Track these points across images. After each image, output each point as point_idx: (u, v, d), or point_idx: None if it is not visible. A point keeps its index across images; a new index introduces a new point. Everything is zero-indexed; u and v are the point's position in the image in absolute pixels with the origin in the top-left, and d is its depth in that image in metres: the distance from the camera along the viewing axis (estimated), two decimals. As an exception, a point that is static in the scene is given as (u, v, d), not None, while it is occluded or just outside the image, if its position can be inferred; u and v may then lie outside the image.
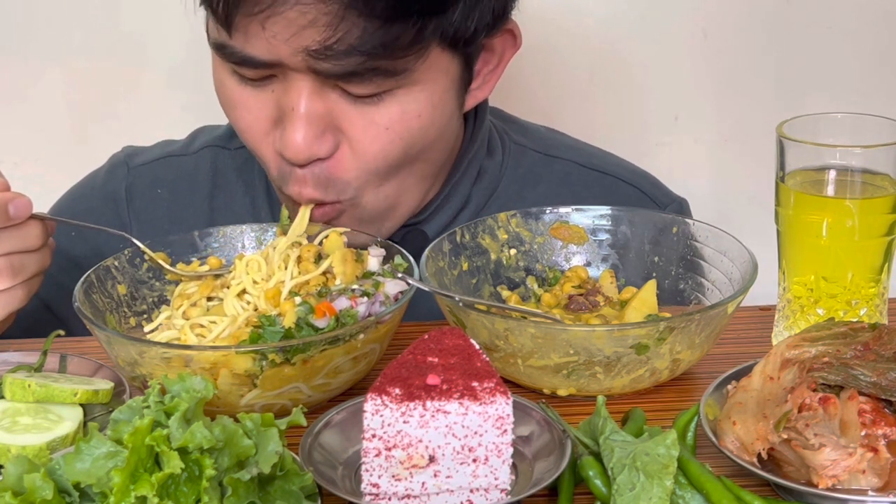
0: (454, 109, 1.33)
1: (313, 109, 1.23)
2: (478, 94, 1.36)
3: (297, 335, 1.10)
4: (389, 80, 1.23)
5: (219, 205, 1.47)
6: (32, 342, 1.28)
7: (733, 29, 2.00)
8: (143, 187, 1.49)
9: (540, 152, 1.51)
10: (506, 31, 1.34)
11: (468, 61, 1.31)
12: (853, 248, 1.18)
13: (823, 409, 0.98)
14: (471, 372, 0.95)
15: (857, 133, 1.18)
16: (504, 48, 1.36)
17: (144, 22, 1.96)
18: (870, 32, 2.01)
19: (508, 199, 1.46)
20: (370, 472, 0.94)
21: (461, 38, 1.25)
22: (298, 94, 1.23)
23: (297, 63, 1.20)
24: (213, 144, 1.51)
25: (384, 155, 1.27)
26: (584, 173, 1.51)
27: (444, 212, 1.43)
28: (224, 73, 1.28)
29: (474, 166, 1.44)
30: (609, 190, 1.49)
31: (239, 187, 1.48)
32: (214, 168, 1.49)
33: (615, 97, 2.02)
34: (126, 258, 1.25)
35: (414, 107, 1.26)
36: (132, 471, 0.88)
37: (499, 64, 1.36)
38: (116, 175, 1.50)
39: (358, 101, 1.24)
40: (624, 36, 1.99)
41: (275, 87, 1.25)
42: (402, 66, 1.22)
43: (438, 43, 1.24)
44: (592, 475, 0.98)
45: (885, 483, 0.96)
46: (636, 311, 1.25)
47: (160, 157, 1.51)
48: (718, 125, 2.05)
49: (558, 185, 1.48)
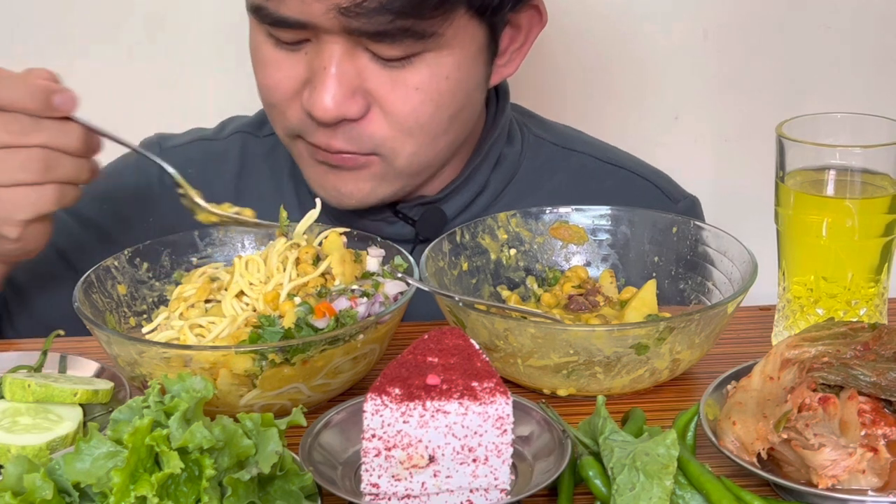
0: (480, 79, 1.37)
1: (343, 70, 1.27)
2: (503, 70, 1.41)
3: (297, 335, 1.10)
4: (419, 43, 1.26)
5: (245, 186, 1.51)
6: (32, 342, 1.28)
7: (733, 29, 2.00)
8: (175, 166, 1.51)
9: (558, 145, 1.54)
10: (531, 7, 1.38)
11: (494, 32, 1.35)
12: (853, 248, 1.18)
13: (823, 409, 0.98)
14: (471, 372, 0.95)
15: (856, 133, 1.19)
16: (530, 25, 1.40)
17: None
18: (870, 32, 2.01)
19: (525, 186, 1.48)
20: (370, 472, 0.94)
21: (488, 5, 1.30)
22: (330, 55, 1.27)
23: (329, 23, 1.24)
24: (243, 131, 1.55)
25: (415, 116, 1.31)
26: (600, 166, 1.54)
27: (463, 194, 1.46)
28: (260, 37, 1.33)
29: (494, 152, 1.47)
30: (623, 183, 1.52)
31: (265, 171, 1.51)
32: (243, 152, 1.53)
33: (615, 97, 2.02)
34: (126, 258, 1.25)
35: (443, 69, 1.30)
36: (132, 471, 0.88)
37: (525, 42, 1.41)
38: (150, 152, 1.52)
39: (388, 65, 1.28)
40: (624, 35, 1.99)
41: (307, 49, 1.29)
42: (430, 29, 1.26)
43: (466, 10, 1.28)
44: (592, 475, 0.98)
45: (885, 483, 0.96)
46: (636, 311, 1.25)
47: (191, 141, 1.55)
48: (718, 125, 2.05)
49: (574, 177, 1.51)
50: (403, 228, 1.43)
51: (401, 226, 1.43)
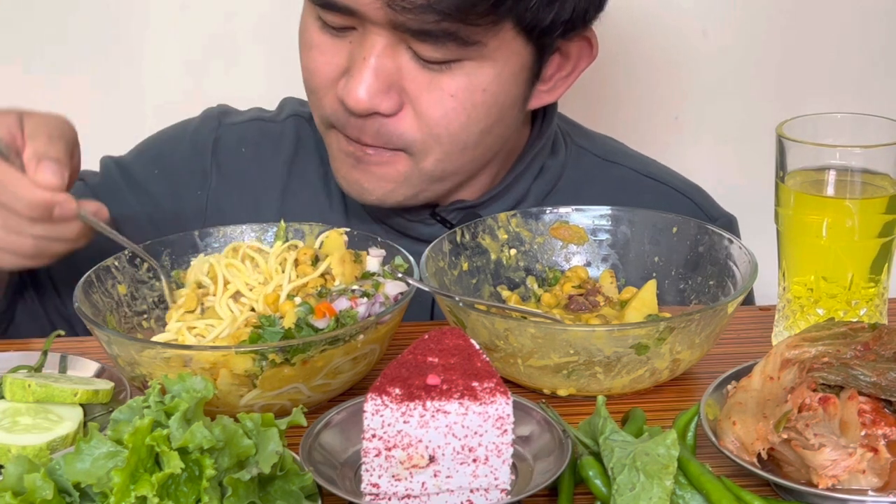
0: (518, 98, 1.36)
1: (382, 64, 1.28)
2: (545, 97, 1.40)
3: (297, 336, 1.10)
4: (461, 49, 1.27)
5: (296, 170, 1.52)
6: (32, 342, 1.28)
7: (733, 29, 2.00)
8: (230, 143, 1.54)
9: (599, 156, 1.54)
10: (583, 38, 1.38)
11: (540, 54, 1.34)
12: (853, 248, 1.18)
13: (823, 409, 0.98)
14: (471, 372, 0.95)
15: (856, 133, 1.19)
16: (580, 56, 1.39)
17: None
18: (870, 32, 2.01)
19: (565, 196, 1.48)
20: (370, 472, 0.94)
21: (536, 26, 1.29)
22: (371, 46, 1.28)
23: (375, 13, 1.25)
24: (299, 114, 1.55)
25: (446, 122, 1.31)
26: (640, 179, 1.54)
27: (504, 201, 1.46)
28: (309, 18, 1.34)
29: (538, 162, 1.47)
30: (662, 198, 1.51)
31: (315, 159, 1.52)
32: (298, 137, 1.54)
33: (615, 97, 2.02)
34: (126, 258, 1.25)
35: (481, 80, 1.30)
36: (132, 471, 0.88)
37: (572, 72, 1.40)
38: (207, 126, 1.55)
39: (427, 67, 1.29)
40: (624, 36, 1.99)
41: (352, 38, 1.30)
42: (474, 37, 1.26)
43: (514, 25, 1.28)
44: (592, 475, 0.98)
45: (885, 483, 0.96)
46: (636, 311, 1.25)
47: (251, 120, 1.56)
48: (718, 125, 2.05)
49: (614, 189, 1.51)
50: (440, 231, 1.42)
51: (438, 228, 1.43)
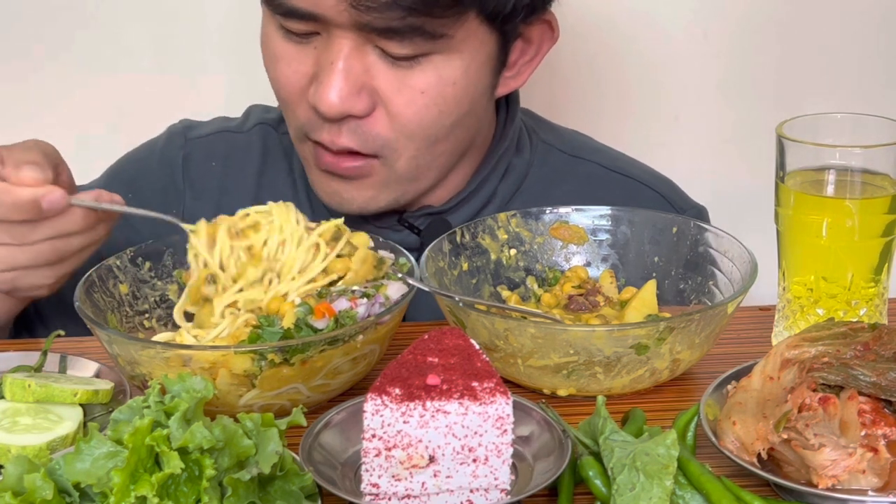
0: (487, 87, 1.37)
1: (351, 66, 1.28)
2: (511, 82, 1.41)
3: (296, 336, 1.10)
4: (428, 43, 1.27)
5: (266, 182, 1.51)
6: (32, 342, 1.28)
7: (733, 29, 2.00)
8: (199, 159, 1.54)
9: (566, 152, 1.54)
10: (544, 22, 1.39)
11: (504, 41, 1.35)
12: (853, 248, 1.18)
13: (823, 409, 0.98)
14: (471, 372, 0.95)
15: (856, 133, 1.19)
16: (542, 40, 1.40)
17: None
18: (870, 32, 2.01)
19: (533, 195, 1.48)
20: (370, 472, 0.94)
21: (500, 13, 1.30)
22: (338, 50, 1.27)
23: (339, 16, 1.25)
24: (265, 123, 1.55)
25: (419, 119, 1.31)
26: (607, 175, 1.53)
27: (471, 204, 1.46)
28: (271, 28, 1.33)
29: (503, 163, 1.47)
30: (630, 192, 1.51)
31: (283, 168, 1.51)
32: (265, 147, 1.53)
33: (615, 97, 2.02)
34: (128, 257, 1.25)
35: (449, 73, 1.30)
36: (132, 471, 0.88)
37: (535, 55, 1.41)
38: (174, 143, 1.54)
39: (396, 64, 1.29)
40: (624, 36, 1.99)
41: (317, 43, 1.30)
42: (440, 30, 1.26)
43: (477, 14, 1.28)
44: (592, 475, 0.98)
45: (885, 483, 0.96)
46: (636, 311, 1.25)
47: (216, 132, 1.56)
48: (718, 125, 2.05)
49: (582, 186, 1.51)
50: (409, 237, 1.43)
51: (406, 234, 1.43)
